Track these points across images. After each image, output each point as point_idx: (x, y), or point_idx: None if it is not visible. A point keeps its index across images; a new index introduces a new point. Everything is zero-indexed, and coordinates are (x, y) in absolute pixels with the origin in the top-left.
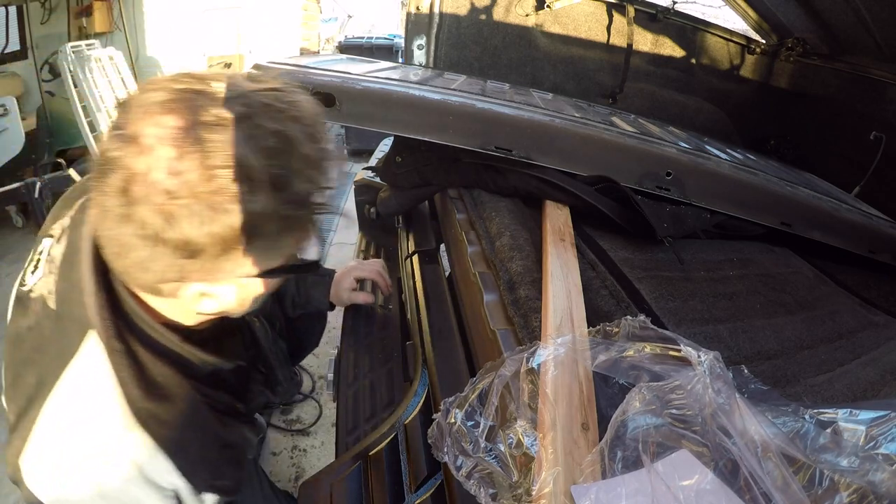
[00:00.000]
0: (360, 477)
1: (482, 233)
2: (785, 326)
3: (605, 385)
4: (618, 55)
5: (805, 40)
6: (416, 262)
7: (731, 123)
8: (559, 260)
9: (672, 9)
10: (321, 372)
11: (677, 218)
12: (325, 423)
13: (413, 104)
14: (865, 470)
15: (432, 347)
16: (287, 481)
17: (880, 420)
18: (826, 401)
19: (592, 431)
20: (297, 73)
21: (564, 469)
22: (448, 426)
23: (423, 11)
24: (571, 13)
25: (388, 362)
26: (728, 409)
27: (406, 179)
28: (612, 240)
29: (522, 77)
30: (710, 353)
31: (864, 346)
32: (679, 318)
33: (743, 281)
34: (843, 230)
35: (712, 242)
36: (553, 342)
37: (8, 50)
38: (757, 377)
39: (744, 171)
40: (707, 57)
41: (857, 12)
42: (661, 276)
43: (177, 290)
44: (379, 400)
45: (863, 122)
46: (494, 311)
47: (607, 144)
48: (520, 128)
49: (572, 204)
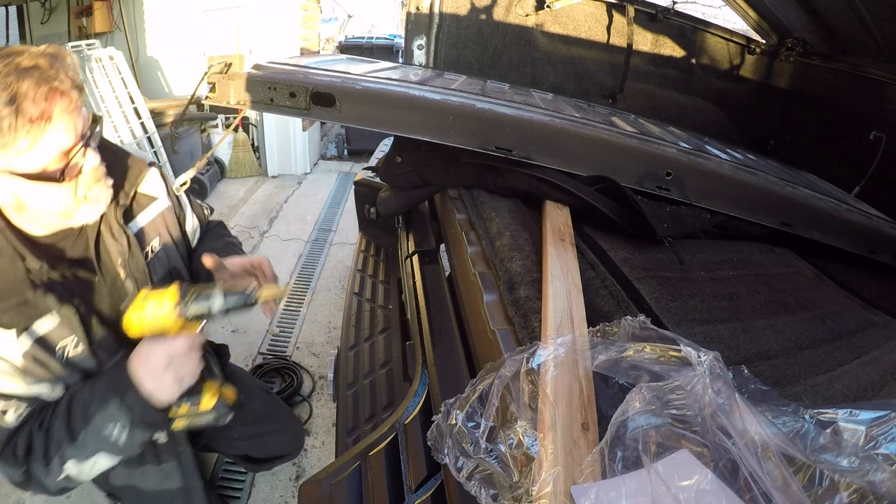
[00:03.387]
0: (360, 477)
1: (482, 233)
2: (785, 326)
3: (605, 385)
4: (618, 55)
5: (805, 40)
6: (416, 262)
7: (731, 123)
8: (559, 260)
9: (672, 9)
10: (322, 372)
11: (677, 218)
12: (326, 423)
13: (413, 104)
14: (865, 470)
15: (432, 347)
16: (287, 481)
17: (880, 420)
18: (826, 401)
19: (592, 431)
20: (297, 73)
21: (564, 469)
22: (448, 427)
23: (423, 11)
24: (571, 13)
25: (389, 362)
26: (728, 409)
27: (406, 179)
28: (612, 240)
29: (522, 77)
30: (710, 353)
31: (864, 346)
32: (679, 318)
33: (743, 281)
34: (843, 230)
35: (712, 242)
36: (553, 342)
37: None
38: (757, 377)
39: (744, 171)
40: (707, 57)
41: (857, 12)
42: (661, 276)
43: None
44: (379, 400)
45: (863, 122)
46: (494, 311)
47: (607, 144)
48: (520, 128)
49: (572, 204)
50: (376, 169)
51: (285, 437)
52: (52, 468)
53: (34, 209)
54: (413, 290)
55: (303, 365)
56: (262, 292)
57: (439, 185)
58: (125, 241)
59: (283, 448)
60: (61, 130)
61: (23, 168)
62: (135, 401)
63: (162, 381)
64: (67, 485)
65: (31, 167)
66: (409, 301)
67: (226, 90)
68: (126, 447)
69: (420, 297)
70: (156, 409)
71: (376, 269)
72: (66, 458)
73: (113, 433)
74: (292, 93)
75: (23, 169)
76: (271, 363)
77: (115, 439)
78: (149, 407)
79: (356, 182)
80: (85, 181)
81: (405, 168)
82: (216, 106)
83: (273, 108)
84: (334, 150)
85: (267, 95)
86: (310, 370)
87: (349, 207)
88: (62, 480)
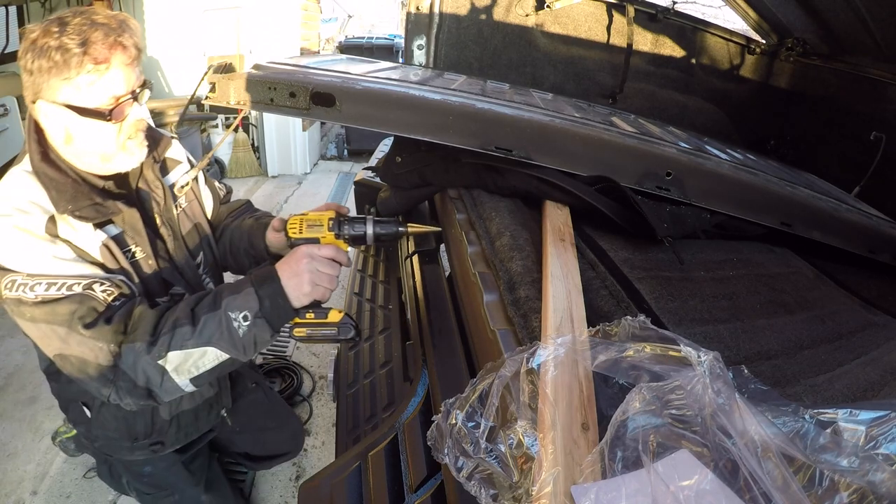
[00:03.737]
0: (359, 477)
1: (482, 233)
2: (785, 326)
3: (605, 385)
4: (618, 55)
5: (805, 40)
6: (416, 262)
7: (731, 123)
8: (559, 260)
9: (672, 9)
10: (322, 372)
11: (677, 218)
12: (326, 423)
13: (413, 104)
14: (865, 470)
15: (432, 347)
16: (287, 481)
17: (880, 420)
18: (826, 401)
19: (592, 431)
20: (297, 73)
21: (564, 469)
22: (448, 427)
23: (423, 11)
24: (571, 13)
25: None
26: (728, 409)
27: (406, 179)
28: (612, 240)
29: (522, 77)
30: (710, 353)
31: (864, 346)
32: (679, 318)
33: (743, 281)
34: (843, 230)
35: (712, 242)
36: (553, 342)
37: (8, 50)
38: (757, 377)
39: (744, 171)
40: (707, 57)
41: (857, 12)
42: (661, 276)
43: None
44: (379, 400)
45: (863, 122)
46: (494, 311)
47: (607, 144)
48: (520, 128)
49: (572, 204)
50: (376, 169)
51: (285, 435)
52: (155, 350)
53: (79, 145)
54: (413, 290)
55: (303, 365)
56: (409, 225)
57: (439, 185)
58: (160, 191)
59: (283, 446)
60: (118, 77)
61: (79, 102)
62: (268, 293)
63: (299, 277)
64: (154, 381)
65: (86, 103)
66: (409, 301)
67: (226, 90)
68: (240, 343)
69: (420, 297)
70: (285, 305)
71: (376, 269)
72: (175, 343)
73: (235, 320)
74: (292, 93)
75: (79, 103)
76: (271, 363)
77: (235, 328)
78: (279, 300)
79: (356, 182)
80: (127, 128)
81: (405, 168)
82: (216, 106)
83: (273, 108)
84: (334, 150)
85: (267, 95)
86: (310, 370)
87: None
88: (155, 370)
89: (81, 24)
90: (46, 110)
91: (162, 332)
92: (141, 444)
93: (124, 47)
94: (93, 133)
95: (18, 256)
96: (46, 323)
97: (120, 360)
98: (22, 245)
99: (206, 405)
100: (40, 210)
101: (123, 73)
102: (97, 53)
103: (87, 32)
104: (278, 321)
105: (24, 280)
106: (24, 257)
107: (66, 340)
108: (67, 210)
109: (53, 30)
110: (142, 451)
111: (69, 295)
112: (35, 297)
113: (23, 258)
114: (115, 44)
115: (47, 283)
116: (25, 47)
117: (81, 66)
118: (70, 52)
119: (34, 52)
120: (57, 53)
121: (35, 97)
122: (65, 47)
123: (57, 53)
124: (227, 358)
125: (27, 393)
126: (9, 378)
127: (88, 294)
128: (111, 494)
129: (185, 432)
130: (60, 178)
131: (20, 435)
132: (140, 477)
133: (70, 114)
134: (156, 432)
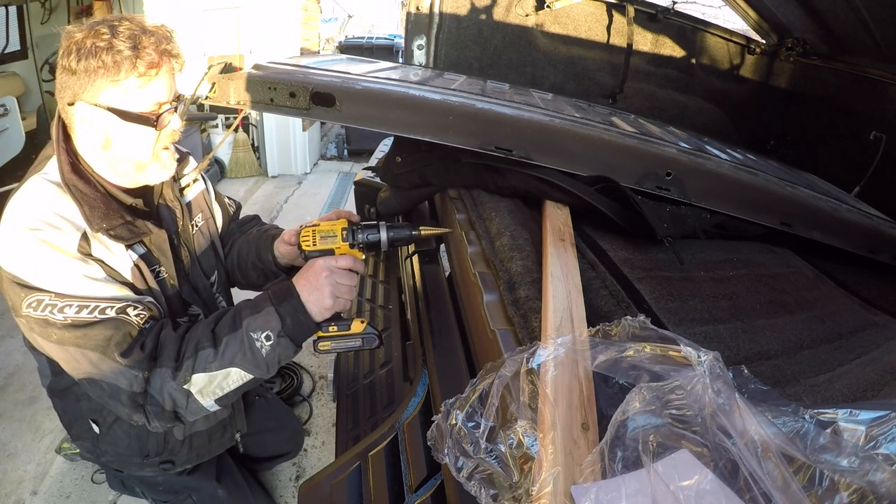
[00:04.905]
0: (359, 477)
1: (482, 233)
2: (785, 326)
3: (605, 385)
4: (618, 55)
5: (805, 40)
6: (416, 262)
7: (731, 123)
8: (559, 260)
9: (672, 9)
10: (322, 372)
11: (677, 218)
12: (326, 423)
13: (413, 104)
14: (865, 470)
15: (432, 347)
16: (287, 481)
17: (880, 420)
18: (826, 401)
19: (592, 431)
20: (297, 73)
21: (564, 469)
22: (449, 427)
23: (423, 11)
24: (571, 13)
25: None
26: (728, 409)
27: (406, 179)
28: (612, 240)
29: (522, 77)
30: (710, 353)
31: (864, 346)
32: (679, 318)
33: (743, 281)
34: (843, 230)
35: (712, 242)
36: (553, 342)
37: (8, 50)
38: (757, 377)
39: (744, 171)
40: (707, 57)
41: (857, 12)
42: (661, 276)
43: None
44: (379, 400)
45: (863, 122)
46: (494, 311)
47: (607, 144)
48: (520, 128)
49: (572, 204)
50: (376, 169)
51: (285, 435)
52: (180, 375)
53: (117, 151)
54: (413, 290)
55: (303, 365)
56: (423, 228)
57: (439, 185)
58: (179, 210)
59: (282, 447)
60: (163, 85)
61: (123, 106)
62: (288, 310)
63: (320, 291)
64: (180, 404)
65: (130, 107)
66: (409, 301)
67: (226, 90)
68: (263, 363)
69: (420, 297)
70: (307, 321)
71: (376, 269)
72: (198, 366)
73: (258, 341)
74: (292, 93)
75: (123, 107)
76: None
77: (258, 348)
78: (300, 317)
79: (356, 182)
80: (164, 137)
81: (405, 168)
82: (216, 106)
83: (273, 108)
84: (334, 150)
85: (267, 95)
86: (310, 370)
87: (349, 207)
88: (180, 394)
89: (132, 29)
90: (85, 112)
91: (185, 355)
92: (151, 461)
93: (172, 56)
94: (133, 138)
95: (46, 274)
96: (77, 347)
97: (149, 385)
98: (51, 262)
99: (220, 427)
100: (72, 226)
101: (168, 82)
102: (149, 58)
103: (139, 37)
104: (301, 337)
105: (53, 301)
106: (52, 276)
107: (97, 366)
108: (102, 229)
109: (103, 31)
110: (151, 469)
111: (103, 319)
112: (64, 318)
113: (51, 277)
114: (165, 53)
115: (78, 304)
116: (68, 47)
117: (133, 69)
118: (121, 53)
119: (81, 52)
120: (107, 55)
121: (74, 98)
122: (116, 49)
123: (107, 55)
124: (250, 378)
125: (27, 393)
126: (9, 378)
127: (123, 319)
128: (111, 494)
129: (196, 453)
130: (91, 192)
131: (20, 435)
132: (155, 486)
133: (112, 117)
134: (167, 451)
